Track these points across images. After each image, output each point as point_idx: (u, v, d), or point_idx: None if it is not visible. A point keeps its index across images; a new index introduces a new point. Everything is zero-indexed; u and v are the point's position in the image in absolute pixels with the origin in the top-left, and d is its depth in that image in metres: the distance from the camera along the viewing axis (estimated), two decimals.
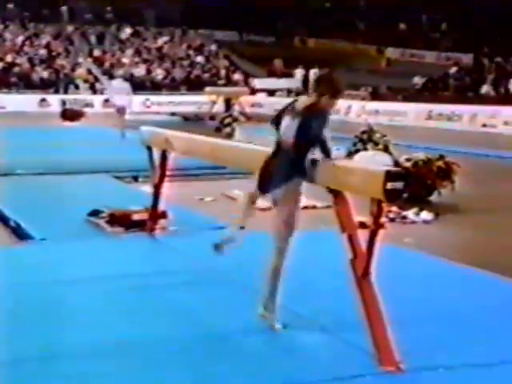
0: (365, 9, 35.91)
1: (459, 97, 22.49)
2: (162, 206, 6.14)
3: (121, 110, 15.43)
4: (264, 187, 3.94)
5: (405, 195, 3.68)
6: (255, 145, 5.76)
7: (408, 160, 8.04)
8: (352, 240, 3.67)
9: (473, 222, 6.99)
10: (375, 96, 25.18)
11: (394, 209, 6.85)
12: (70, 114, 21.24)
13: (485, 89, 23.11)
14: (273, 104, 26.86)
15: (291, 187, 3.89)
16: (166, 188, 6.06)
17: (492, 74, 24.23)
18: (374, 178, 3.39)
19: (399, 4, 32.33)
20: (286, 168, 3.83)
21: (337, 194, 3.75)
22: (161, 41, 34.67)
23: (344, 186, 3.67)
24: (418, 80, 26.48)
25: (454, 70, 26.29)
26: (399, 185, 3.37)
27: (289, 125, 3.84)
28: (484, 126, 18.75)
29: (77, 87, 28.65)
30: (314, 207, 7.37)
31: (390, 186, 3.32)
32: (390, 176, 3.33)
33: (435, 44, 31.24)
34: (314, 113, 3.78)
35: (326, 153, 3.80)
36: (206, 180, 9.55)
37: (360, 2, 36.57)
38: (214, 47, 35.18)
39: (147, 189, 6.70)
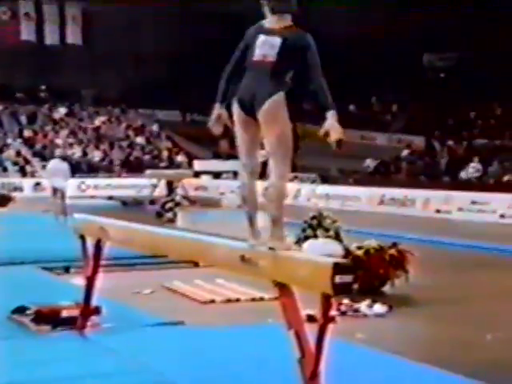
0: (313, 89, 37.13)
1: (412, 180, 23.16)
2: (94, 301, 6.03)
3: (58, 193, 15.19)
4: (248, 108, 3.96)
5: (355, 286, 3.75)
6: (198, 232, 5.80)
7: (359, 248, 8.15)
8: (299, 337, 3.67)
9: (427, 315, 7.07)
10: (325, 179, 25.73)
11: (346, 301, 6.89)
12: None
13: (465, 174, 23.11)
14: (218, 187, 27.18)
15: (276, 102, 3.94)
16: (100, 280, 5.98)
17: (444, 157, 25.12)
18: (321, 270, 3.45)
19: (348, 84, 33.62)
20: (266, 84, 3.92)
21: (283, 287, 3.78)
22: (98, 121, 34.90)
23: (290, 279, 3.71)
24: (369, 162, 27.21)
25: (405, 152, 27.18)
26: (348, 278, 3.43)
27: (266, 42, 3.92)
28: (438, 211, 19.27)
29: (5, 170, 28.38)
30: (261, 299, 7.36)
31: (338, 279, 3.38)
32: (338, 269, 3.40)
33: (386, 126, 32.39)
34: (297, 35, 3.91)
35: (325, 102, 3.92)
36: (144, 270, 9.44)
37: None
38: (155, 127, 35.58)
39: (79, 281, 6.59)
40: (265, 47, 3.94)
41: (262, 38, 3.95)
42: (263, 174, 4.15)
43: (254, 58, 3.96)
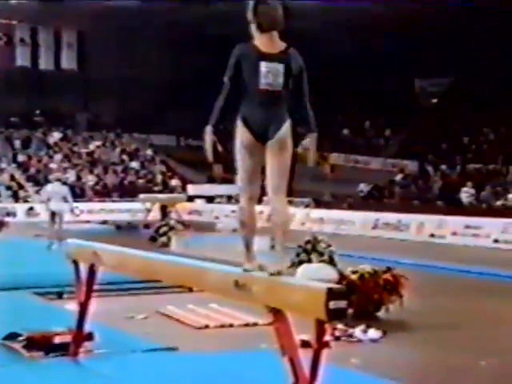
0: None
1: (405, 205, 23.21)
2: (87, 327, 5.98)
3: (56, 217, 15.10)
4: (260, 134, 3.96)
5: (350, 311, 3.74)
6: (192, 257, 5.78)
7: (354, 272, 8.13)
8: (293, 363, 3.65)
9: (422, 340, 7.04)
10: (319, 203, 25.75)
11: (340, 326, 6.86)
12: None
13: (464, 197, 22.98)
14: (212, 211, 27.16)
15: (287, 128, 3.99)
16: (93, 305, 5.94)
17: (438, 182, 25.20)
18: (315, 296, 3.43)
19: (342, 109, 33.83)
20: (278, 111, 3.97)
21: (276, 313, 3.76)
22: (92, 145, 34.94)
23: (284, 305, 3.69)
24: (363, 187, 27.28)
25: (399, 177, 27.27)
26: (342, 303, 3.42)
27: (269, 70, 3.93)
28: (432, 235, 19.27)
29: None
30: (255, 324, 7.33)
31: (332, 304, 3.37)
32: (332, 294, 3.38)
33: (379, 150, 32.52)
34: (294, 58, 3.98)
35: (312, 124, 4.06)
36: (138, 295, 9.40)
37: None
38: (149, 152, 35.63)
39: (72, 307, 6.55)
40: (269, 76, 3.93)
41: (264, 64, 3.93)
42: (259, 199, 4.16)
43: (261, 86, 3.93)
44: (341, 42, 30.73)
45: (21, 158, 32.15)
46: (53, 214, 15.04)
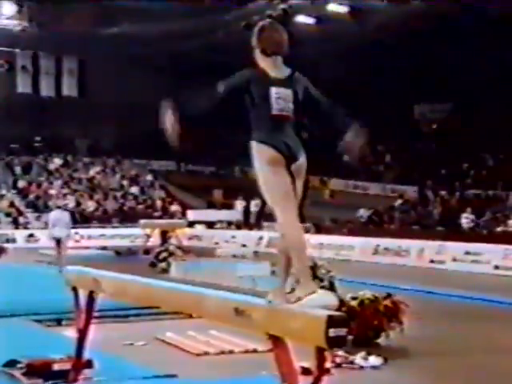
0: (307, 139, 37.40)
1: (405, 230, 23.18)
2: (86, 354, 5.95)
3: (59, 243, 15.16)
4: (288, 154, 3.86)
5: (350, 337, 3.72)
6: (192, 283, 5.77)
7: (354, 298, 8.11)
8: None
9: (423, 367, 7.01)
10: (319, 228, 25.73)
11: (341, 353, 6.83)
12: None
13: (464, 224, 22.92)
14: (212, 236, 27.12)
15: (304, 157, 3.94)
16: (92, 332, 5.92)
17: (438, 208, 25.20)
18: (315, 323, 3.42)
19: (341, 135, 33.91)
20: (295, 136, 3.94)
21: (276, 340, 3.75)
22: (92, 171, 35.00)
23: (284, 332, 3.68)
24: (363, 212, 27.27)
25: (399, 202, 27.26)
26: (342, 331, 3.40)
27: (280, 95, 3.89)
28: (432, 261, 19.23)
29: None
30: (255, 351, 7.29)
31: (332, 332, 3.35)
32: (332, 322, 3.37)
33: (379, 176, 32.56)
34: (298, 80, 3.96)
35: (341, 122, 4.06)
36: (137, 322, 9.36)
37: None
38: (149, 177, 35.67)
39: (71, 334, 6.52)
40: (280, 101, 3.90)
41: (274, 90, 3.89)
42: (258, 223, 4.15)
43: (273, 112, 3.88)
44: (340, 68, 30.90)
45: (21, 183, 32.20)
46: (57, 241, 15.19)
